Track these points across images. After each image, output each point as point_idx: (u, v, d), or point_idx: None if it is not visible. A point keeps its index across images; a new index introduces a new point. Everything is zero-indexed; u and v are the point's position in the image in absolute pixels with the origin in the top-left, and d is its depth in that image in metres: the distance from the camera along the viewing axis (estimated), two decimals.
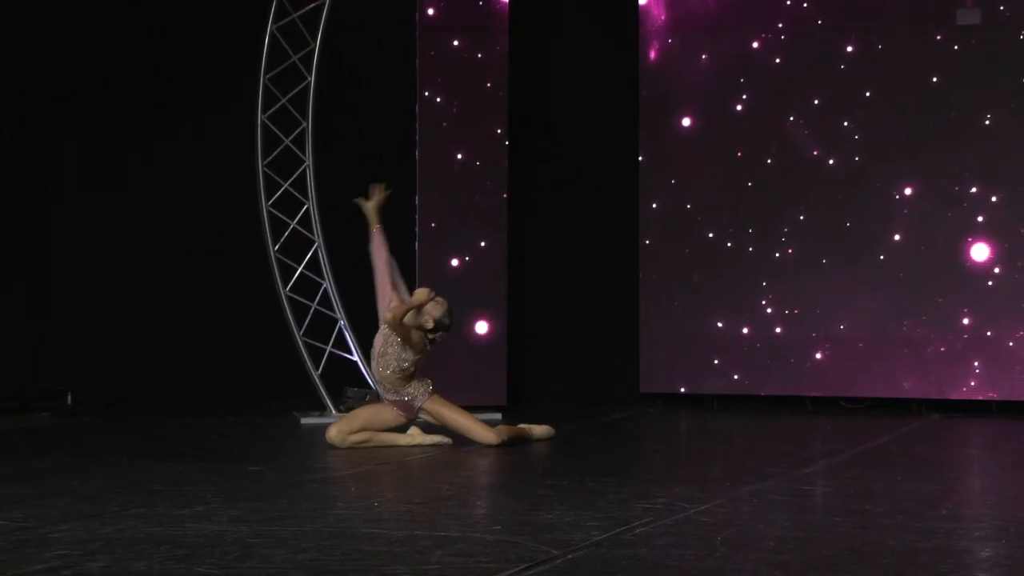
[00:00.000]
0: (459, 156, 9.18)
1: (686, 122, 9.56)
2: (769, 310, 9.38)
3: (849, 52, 9.25)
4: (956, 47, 9.00)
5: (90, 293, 10.18)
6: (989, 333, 8.94)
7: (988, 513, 5.01)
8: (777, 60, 9.42)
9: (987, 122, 8.96)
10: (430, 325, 7.07)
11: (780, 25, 9.40)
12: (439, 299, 7.10)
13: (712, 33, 9.53)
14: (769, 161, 9.41)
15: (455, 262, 9.12)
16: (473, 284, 9.11)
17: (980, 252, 9.00)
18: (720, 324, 9.44)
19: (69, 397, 9.73)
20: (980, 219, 8.98)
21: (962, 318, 9.00)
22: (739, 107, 9.49)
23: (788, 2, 9.38)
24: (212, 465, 6.24)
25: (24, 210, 10.23)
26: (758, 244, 9.42)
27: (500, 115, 9.24)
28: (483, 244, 9.16)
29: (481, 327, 9.15)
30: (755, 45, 9.47)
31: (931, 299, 9.08)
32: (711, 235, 9.51)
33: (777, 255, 9.40)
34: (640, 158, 9.58)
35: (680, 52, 9.59)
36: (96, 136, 10.21)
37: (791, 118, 9.37)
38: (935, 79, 9.06)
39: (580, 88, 9.97)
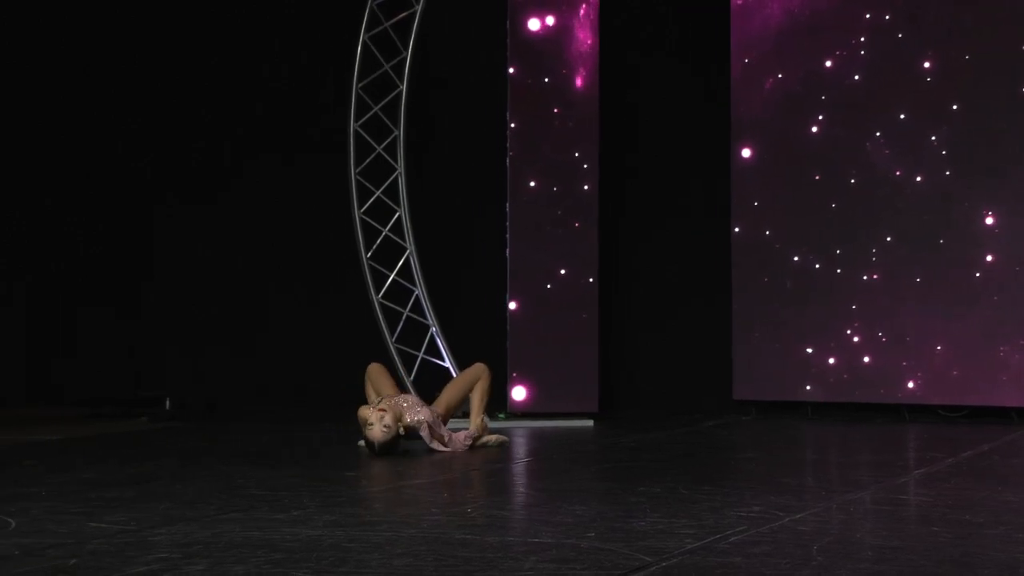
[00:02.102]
0: (547, 171, 9.14)
1: (761, 145, 9.44)
2: (856, 338, 9.19)
3: (933, 65, 9.03)
4: None
5: (188, 300, 10.35)
6: None
7: None
8: (856, 77, 9.25)
9: None
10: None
11: (863, 39, 9.21)
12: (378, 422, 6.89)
13: (781, 54, 9.39)
14: (852, 181, 9.24)
15: (548, 269, 9.12)
16: (566, 290, 9.11)
17: None
18: (810, 350, 9.31)
19: (168, 402, 9.91)
20: None
21: None
22: (814, 128, 9.34)
23: (867, 16, 9.22)
24: (308, 470, 6.30)
25: (127, 218, 10.44)
26: (845, 267, 9.22)
27: (590, 137, 9.19)
28: (576, 251, 9.14)
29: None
30: (828, 64, 9.32)
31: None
32: (796, 258, 9.37)
33: (865, 278, 9.22)
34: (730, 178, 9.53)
35: (750, 74, 9.47)
36: (195, 145, 10.39)
37: (877, 134, 9.18)
38: None
39: (665, 108, 9.92)
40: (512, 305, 9.07)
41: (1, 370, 10.22)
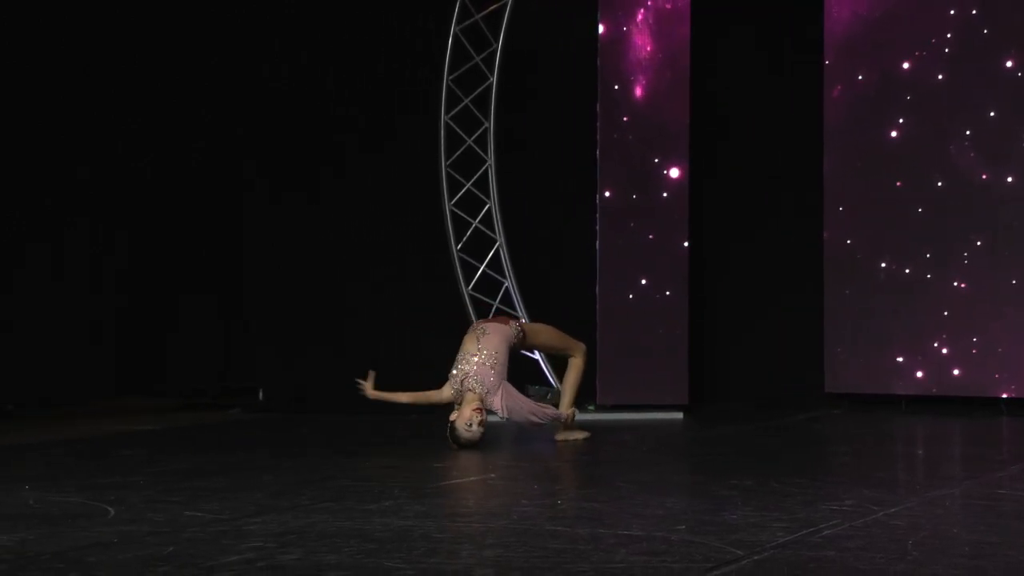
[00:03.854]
0: (639, 162, 9.11)
1: (846, 149, 9.27)
2: (945, 350, 9.01)
3: (1018, 61, 8.79)
4: None
5: (280, 292, 10.45)
6: None
7: None
8: (940, 76, 9.05)
9: None
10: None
11: (949, 36, 8.98)
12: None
13: (859, 56, 9.22)
14: (939, 184, 9.05)
15: (637, 261, 9.09)
16: (657, 281, 9.07)
17: None
18: (900, 359, 9.16)
19: (260, 394, 10.03)
20: None
21: None
22: (894, 133, 9.17)
23: (951, 12, 9.02)
24: (398, 461, 6.34)
25: (219, 213, 10.57)
26: (935, 272, 9.01)
27: (668, 143, 9.13)
28: (664, 244, 9.10)
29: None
30: (906, 65, 9.13)
31: None
32: (883, 264, 9.23)
33: (955, 283, 9.03)
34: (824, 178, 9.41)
35: (830, 77, 9.31)
36: (286, 137, 10.49)
37: (967, 132, 8.98)
38: None
39: (751, 110, 9.83)
40: (602, 296, 9.05)
41: (95, 362, 10.41)
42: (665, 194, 9.10)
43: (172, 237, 10.69)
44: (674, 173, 9.08)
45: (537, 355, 8.87)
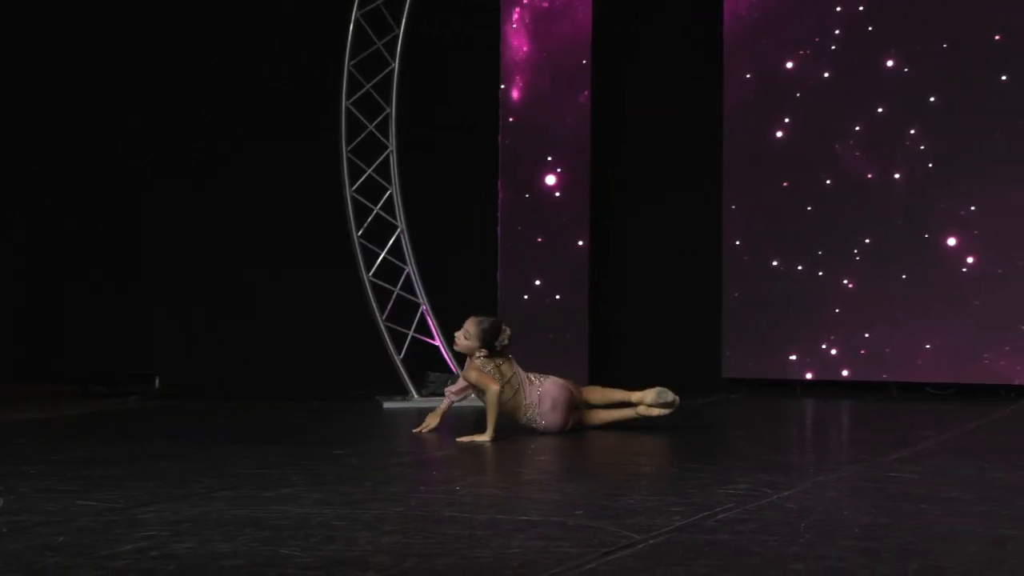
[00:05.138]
0: (539, 153, 9.16)
1: (743, 144, 9.39)
2: (834, 351, 9.19)
3: (905, 58, 8.98)
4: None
5: (178, 279, 10.34)
6: None
7: None
8: (826, 75, 9.18)
9: None
10: (479, 350, 6.90)
11: (834, 34, 9.12)
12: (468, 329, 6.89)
13: (746, 54, 9.34)
14: (828, 182, 9.19)
15: (533, 258, 9.13)
16: (555, 269, 9.11)
17: None
18: (793, 357, 9.30)
19: (157, 381, 9.91)
20: None
21: None
22: (780, 132, 9.29)
23: (838, 9, 9.15)
24: (297, 449, 6.30)
25: (116, 198, 10.43)
26: (827, 270, 9.19)
27: (583, 112, 9.18)
28: (566, 231, 9.16)
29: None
30: (790, 64, 9.25)
31: (1014, 327, 8.72)
32: (775, 263, 9.35)
33: (845, 282, 9.19)
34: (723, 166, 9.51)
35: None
36: (185, 123, 10.37)
37: (856, 129, 9.10)
38: (1004, 78, 8.76)
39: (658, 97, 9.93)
40: (503, 286, 9.07)
41: None
42: (558, 194, 9.14)
43: (71, 223, 10.52)
44: (552, 179, 9.14)
45: (438, 341, 8.86)
